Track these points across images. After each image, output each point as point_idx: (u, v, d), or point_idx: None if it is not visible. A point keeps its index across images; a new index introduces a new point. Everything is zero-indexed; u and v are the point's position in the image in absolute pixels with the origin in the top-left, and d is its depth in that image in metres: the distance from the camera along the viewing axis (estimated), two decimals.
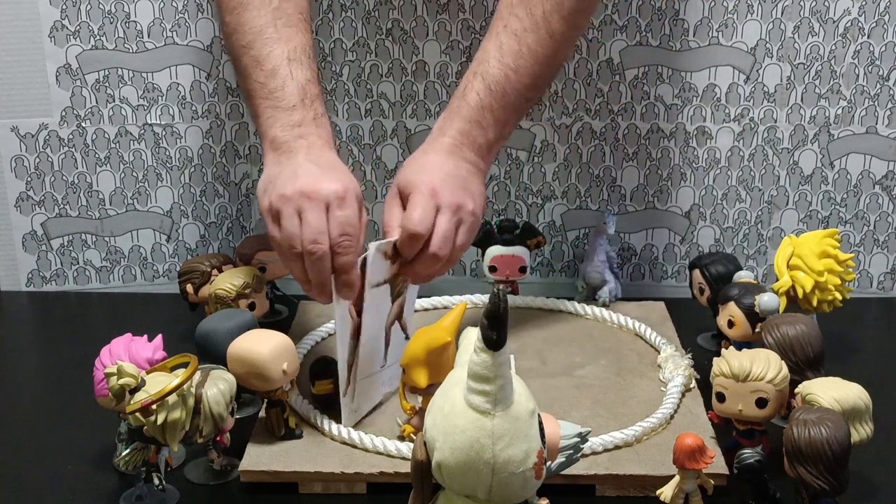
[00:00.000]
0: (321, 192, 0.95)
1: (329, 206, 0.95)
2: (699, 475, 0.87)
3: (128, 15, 1.29)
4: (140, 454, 0.88)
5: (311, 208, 0.94)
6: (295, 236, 0.95)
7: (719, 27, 1.28)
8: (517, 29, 1.05)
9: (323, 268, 0.94)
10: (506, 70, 1.04)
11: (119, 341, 0.95)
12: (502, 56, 1.04)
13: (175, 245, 1.39)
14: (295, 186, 0.96)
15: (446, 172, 1.01)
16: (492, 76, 1.04)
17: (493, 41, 1.06)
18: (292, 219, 0.95)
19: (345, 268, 0.95)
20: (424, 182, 0.99)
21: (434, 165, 1.02)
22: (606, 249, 1.28)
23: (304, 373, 1.06)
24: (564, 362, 1.15)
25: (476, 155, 1.04)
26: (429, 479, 0.76)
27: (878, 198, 1.34)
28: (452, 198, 0.99)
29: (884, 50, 1.28)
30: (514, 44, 1.04)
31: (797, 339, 0.96)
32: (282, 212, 0.96)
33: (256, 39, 1.04)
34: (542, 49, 1.05)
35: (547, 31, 1.05)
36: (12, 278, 1.38)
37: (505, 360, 0.71)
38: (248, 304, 1.14)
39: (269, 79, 1.03)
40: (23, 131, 1.32)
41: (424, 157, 1.04)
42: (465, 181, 1.02)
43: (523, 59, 1.04)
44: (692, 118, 1.32)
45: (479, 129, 1.04)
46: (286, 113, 1.02)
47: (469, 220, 1.00)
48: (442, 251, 0.98)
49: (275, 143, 1.02)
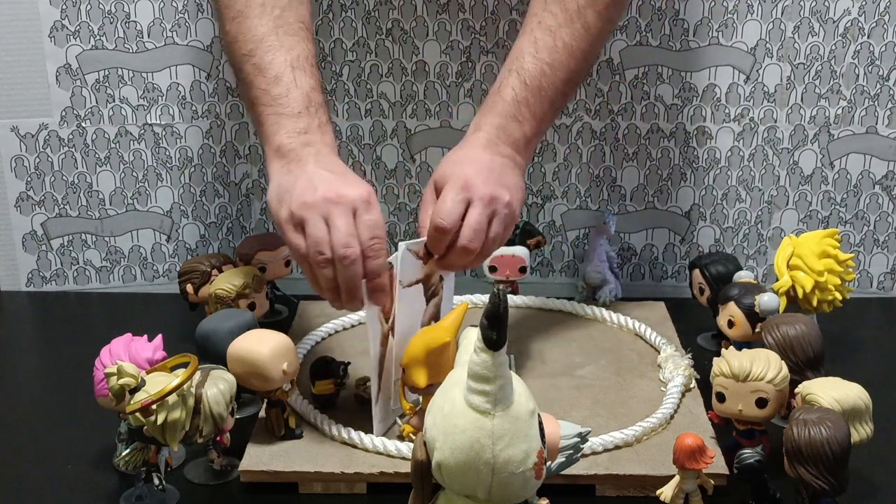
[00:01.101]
0: (347, 196, 0.94)
1: (356, 211, 0.94)
2: (699, 475, 0.87)
3: (128, 15, 1.29)
4: (140, 454, 0.88)
5: (339, 213, 0.93)
6: (324, 242, 0.93)
7: (719, 27, 1.28)
8: (552, 25, 1.05)
9: (355, 272, 0.93)
10: (541, 65, 1.04)
11: (119, 341, 0.95)
12: (537, 51, 1.04)
13: (175, 245, 1.39)
14: (317, 193, 0.94)
15: (481, 165, 0.99)
16: (527, 71, 1.04)
17: (527, 38, 1.05)
18: (319, 225, 0.93)
19: (376, 271, 0.94)
20: (457, 174, 0.98)
21: (468, 159, 1.00)
22: (606, 249, 1.28)
23: (304, 373, 1.06)
24: (564, 362, 1.15)
25: (512, 149, 1.03)
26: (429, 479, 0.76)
27: (878, 198, 1.34)
28: (486, 189, 0.97)
29: (884, 50, 1.28)
30: (549, 39, 1.04)
31: (797, 339, 0.96)
32: (306, 219, 0.94)
33: (258, 47, 1.03)
34: (577, 43, 1.05)
35: (582, 25, 1.05)
36: (12, 278, 1.38)
37: (505, 361, 0.71)
38: (248, 304, 1.14)
39: (272, 86, 1.02)
40: (23, 131, 1.32)
41: (459, 151, 1.03)
42: (501, 174, 1.00)
43: (558, 54, 1.04)
44: (692, 118, 1.32)
45: (515, 123, 1.03)
46: (291, 120, 1.01)
47: (503, 213, 0.98)
48: (473, 244, 0.96)
49: (281, 151, 1.00)
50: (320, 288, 0.96)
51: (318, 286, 0.96)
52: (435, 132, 1.34)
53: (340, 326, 1.23)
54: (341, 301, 0.95)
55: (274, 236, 1.29)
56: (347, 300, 0.95)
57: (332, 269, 0.93)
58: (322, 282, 0.95)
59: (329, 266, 0.93)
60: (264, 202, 1.38)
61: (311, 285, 0.97)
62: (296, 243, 0.95)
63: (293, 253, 0.97)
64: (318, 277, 0.95)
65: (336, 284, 0.94)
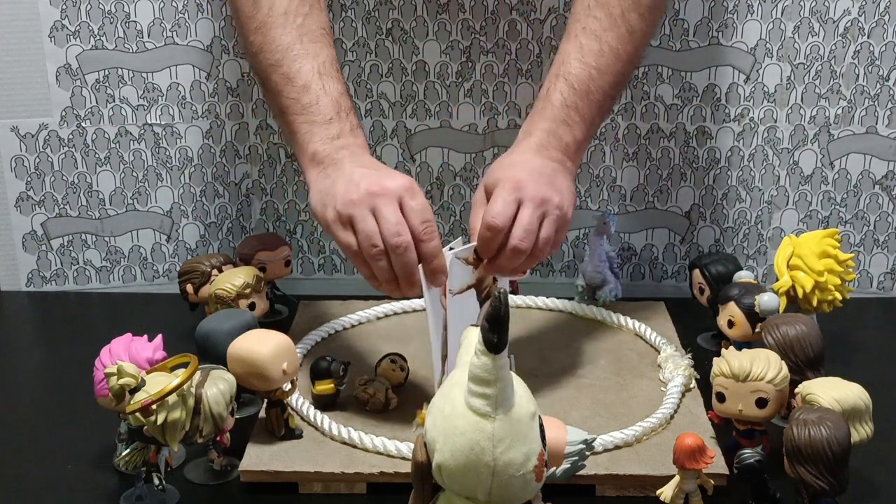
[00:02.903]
0: (390, 187, 0.95)
1: (402, 200, 0.95)
2: (699, 475, 0.87)
3: (128, 15, 1.29)
4: (140, 454, 0.88)
5: (385, 204, 0.94)
6: (375, 234, 0.94)
7: (719, 27, 1.28)
8: (596, 29, 1.05)
9: (410, 259, 0.93)
10: (588, 69, 1.04)
11: (119, 341, 0.95)
12: (583, 56, 1.05)
13: (175, 245, 1.39)
14: (360, 189, 0.95)
15: (531, 168, 1.00)
16: (574, 76, 1.04)
17: (572, 43, 1.06)
18: (367, 219, 0.94)
19: (434, 253, 0.94)
20: (509, 177, 0.98)
21: (519, 162, 1.01)
22: (606, 249, 1.28)
23: (304, 373, 1.06)
24: (564, 362, 1.15)
25: (563, 154, 1.04)
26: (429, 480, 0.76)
27: (878, 198, 1.34)
28: (537, 191, 0.97)
29: (884, 50, 1.28)
30: (595, 44, 1.05)
31: (797, 339, 0.96)
32: (354, 216, 0.95)
33: (285, 57, 1.04)
34: (622, 46, 1.06)
35: (626, 28, 1.05)
36: (12, 278, 1.38)
37: (506, 363, 0.71)
38: (248, 304, 1.13)
39: (301, 94, 1.03)
40: (23, 131, 1.32)
41: (511, 156, 1.03)
42: (552, 177, 1.00)
43: (605, 58, 1.05)
44: (692, 118, 1.32)
45: (565, 127, 1.04)
46: (323, 127, 1.02)
47: (554, 214, 0.98)
48: (524, 244, 0.96)
49: (317, 158, 1.01)
50: (377, 281, 0.96)
51: (376, 279, 0.96)
52: (435, 132, 1.34)
53: (340, 326, 1.23)
54: (401, 290, 0.96)
55: (274, 236, 1.29)
56: (407, 287, 0.95)
57: (387, 259, 0.94)
58: (379, 274, 0.95)
59: (384, 257, 0.94)
60: (264, 202, 1.38)
61: (368, 281, 0.97)
62: (347, 241, 0.96)
63: (345, 251, 0.97)
64: (374, 270, 0.95)
65: (393, 275, 0.95)
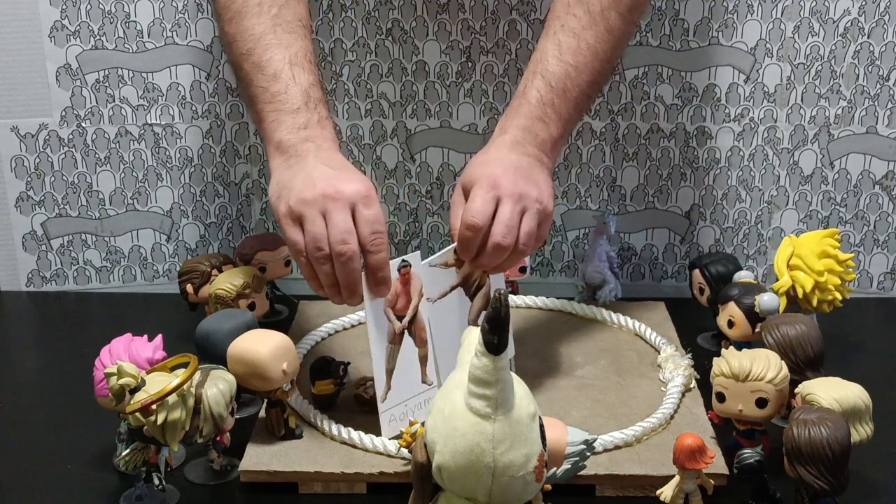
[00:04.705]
0: (345, 192, 0.94)
1: (355, 207, 0.94)
2: (699, 475, 0.87)
3: (128, 15, 1.29)
4: (140, 454, 0.88)
5: (337, 209, 0.93)
6: (321, 238, 0.93)
7: (719, 27, 1.28)
8: (575, 27, 1.05)
9: (353, 268, 0.93)
10: (565, 67, 1.04)
11: (119, 341, 0.95)
12: (561, 53, 1.04)
13: (175, 245, 1.39)
14: (316, 189, 0.94)
15: (507, 163, 0.99)
16: (552, 73, 1.04)
17: (550, 40, 1.06)
18: (317, 221, 0.93)
19: (379, 265, 0.94)
20: (485, 174, 0.98)
21: (495, 159, 1.00)
22: (606, 249, 1.28)
23: (304, 373, 1.06)
24: (564, 362, 1.15)
25: (539, 150, 1.03)
26: (429, 480, 0.76)
27: (878, 198, 1.34)
28: (514, 187, 0.97)
29: (884, 50, 1.28)
30: (573, 41, 1.05)
31: (797, 339, 0.96)
32: (304, 215, 0.94)
33: (256, 46, 1.04)
34: (600, 45, 1.05)
35: (605, 27, 1.05)
36: (12, 278, 1.38)
37: (506, 364, 0.71)
38: (248, 304, 1.13)
39: (271, 83, 1.03)
40: (23, 131, 1.32)
41: (485, 154, 1.03)
42: (529, 171, 1.00)
43: (583, 56, 1.05)
44: (692, 118, 1.32)
45: (540, 124, 1.03)
46: (291, 116, 1.01)
47: (535, 208, 0.98)
48: (506, 240, 0.95)
49: (281, 147, 1.01)
50: (318, 284, 0.96)
51: (317, 282, 0.96)
52: (435, 132, 1.34)
53: (340, 326, 1.23)
54: (342, 297, 0.95)
55: (274, 236, 1.29)
56: (348, 296, 0.95)
57: (331, 265, 0.94)
58: (322, 277, 0.95)
59: (327, 262, 0.94)
60: (264, 202, 1.38)
61: (308, 282, 0.97)
62: (294, 239, 0.96)
63: (291, 249, 0.97)
64: (317, 273, 0.95)
65: (335, 280, 0.94)
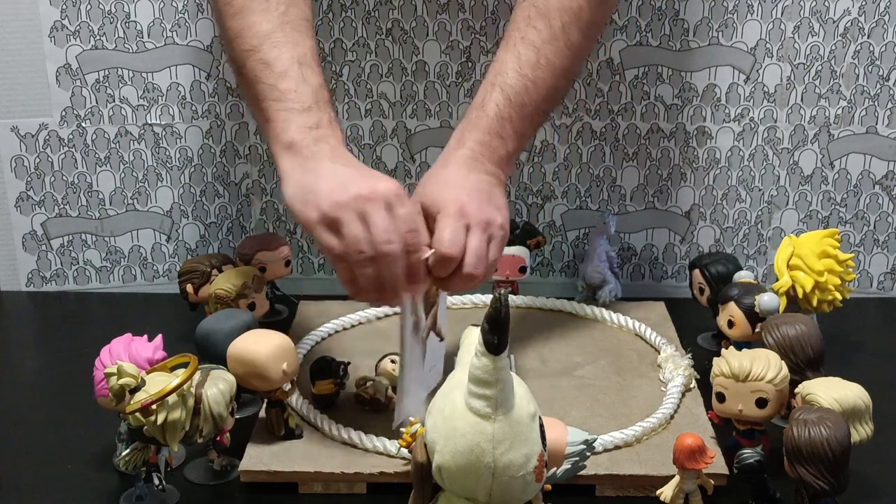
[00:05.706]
0: (380, 192, 0.91)
1: (391, 206, 0.91)
2: (699, 475, 0.87)
3: (128, 15, 1.29)
4: (140, 454, 0.88)
5: (375, 209, 0.90)
6: (363, 240, 0.90)
7: (719, 27, 1.28)
8: (535, 40, 1.04)
9: (398, 268, 0.91)
10: (525, 81, 1.03)
11: (119, 341, 0.95)
12: (521, 67, 1.03)
13: (175, 245, 1.39)
14: (348, 191, 0.91)
15: (470, 187, 0.98)
16: (511, 87, 1.03)
17: (510, 52, 1.04)
18: (356, 224, 0.90)
19: (417, 265, 0.92)
20: (451, 200, 0.96)
21: (457, 181, 0.99)
22: (606, 249, 1.28)
23: (304, 373, 1.06)
24: (564, 362, 1.15)
25: (496, 166, 1.02)
26: (429, 480, 0.76)
27: (878, 198, 1.34)
28: (480, 214, 0.96)
29: (884, 50, 1.28)
30: (533, 55, 1.03)
31: (797, 339, 0.96)
32: (341, 219, 0.91)
33: (264, 43, 1.01)
34: (559, 61, 1.04)
35: (565, 42, 1.04)
36: (12, 278, 1.38)
37: (506, 364, 0.71)
38: (248, 304, 1.13)
39: (279, 81, 0.99)
40: (23, 131, 1.32)
41: (445, 171, 1.01)
42: (490, 195, 0.99)
43: (542, 71, 1.03)
44: (692, 118, 1.32)
45: (498, 140, 1.02)
46: (301, 115, 0.98)
47: (499, 235, 0.98)
48: (477, 270, 0.94)
49: (294, 147, 0.97)
50: (358, 288, 0.92)
51: (356, 285, 0.92)
52: (435, 132, 1.34)
53: (340, 326, 1.23)
54: (383, 299, 0.93)
55: (274, 236, 1.29)
56: (392, 297, 0.93)
57: (373, 267, 0.91)
58: (363, 281, 0.91)
59: (371, 264, 0.91)
60: (264, 202, 1.38)
61: (345, 286, 0.93)
62: (330, 244, 0.92)
63: (328, 254, 0.93)
64: (357, 277, 0.92)
65: (378, 283, 0.91)
